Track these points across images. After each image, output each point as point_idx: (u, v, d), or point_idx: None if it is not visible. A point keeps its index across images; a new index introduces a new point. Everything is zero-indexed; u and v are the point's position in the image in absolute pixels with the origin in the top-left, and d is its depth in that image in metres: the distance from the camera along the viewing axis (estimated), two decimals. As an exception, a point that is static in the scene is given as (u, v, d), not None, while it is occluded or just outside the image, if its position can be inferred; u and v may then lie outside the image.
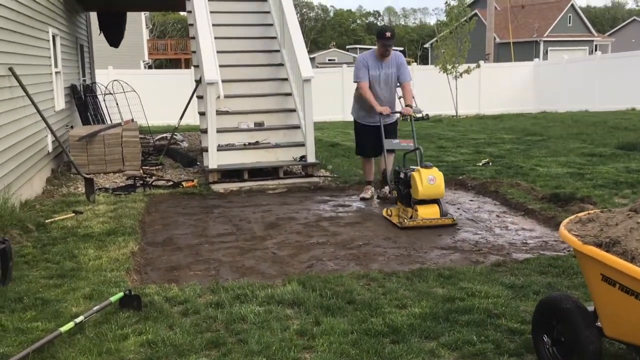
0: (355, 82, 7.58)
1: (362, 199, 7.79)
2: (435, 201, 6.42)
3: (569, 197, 6.85)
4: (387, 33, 7.37)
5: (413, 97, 21.76)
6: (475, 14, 35.23)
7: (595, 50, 39.49)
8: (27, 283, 4.59)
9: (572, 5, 46.00)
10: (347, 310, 4.04)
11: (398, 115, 7.78)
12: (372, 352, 3.41)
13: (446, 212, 6.44)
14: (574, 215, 3.11)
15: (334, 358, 3.36)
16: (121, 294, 4.10)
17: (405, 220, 6.32)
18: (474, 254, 5.38)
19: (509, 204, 7.25)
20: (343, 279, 4.61)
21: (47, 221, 6.35)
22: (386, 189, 7.59)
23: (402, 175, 6.66)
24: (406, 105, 7.44)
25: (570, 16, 45.62)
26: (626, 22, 57.51)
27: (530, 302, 4.04)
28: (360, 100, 7.62)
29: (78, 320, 3.73)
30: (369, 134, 7.65)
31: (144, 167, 9.78)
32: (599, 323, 2.93)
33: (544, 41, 43.50)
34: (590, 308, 3.02)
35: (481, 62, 23.46)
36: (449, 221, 6.34)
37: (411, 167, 6.66)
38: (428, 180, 6.31)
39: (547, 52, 42.72)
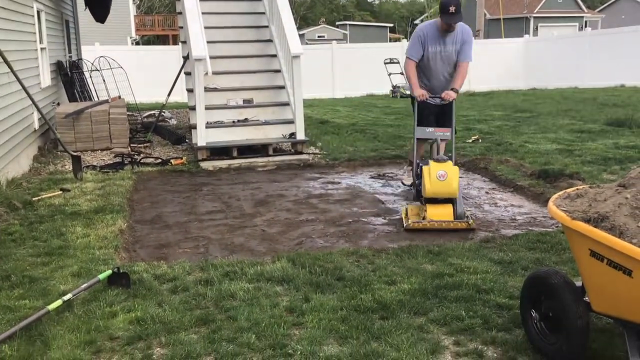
0: (405, 56, 6.52)
1: (404, 184, 7.07)
2: (449, 200, 5.52)
3: (558, 174, 6.87)
4: (450, 7, 6.01)
5: (402, 74, 21.57)
6: (466, -11, 34.99)
7: (585, 26, 39.41)
8: (14, 261, 4.56)
9: (562, -19, 45.79)
10: (336, 286, 4.04)
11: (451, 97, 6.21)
12: (362, 328, 3.42)
13: (462, 214, 5.48)
14: (562, 191, 3.11)
15: (324, 334, 3.37)
16: (109, 272, 4.08)
17: (410, 221, 5.48)
18: (463, 230, 5.39)
19: (498, 181, 7.26)
20: (332, 256, 4.61)
21: (34, 199, 6.30)
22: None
23: (419, 170, 5.93)
24: (451, 88, 6.23)
25: (560, -8, 45.43)
26: (616, -2, 57.31)
27: (519, 278, 4.06)
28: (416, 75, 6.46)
29: (66, 298, 3.71)
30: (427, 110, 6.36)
31: (132, 145, 9.71)
32: (586, 298, 2.94)
33: (534, 17, 43.36)
34: (578, 283, 3.03)
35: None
36: (462, 225, 5.38)
37: (429, 159, 5.84)
38: (438, 176, 5.44)
39: (537, 28, 42.60)
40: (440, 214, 5.47)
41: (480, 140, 9.59)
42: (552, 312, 3.02)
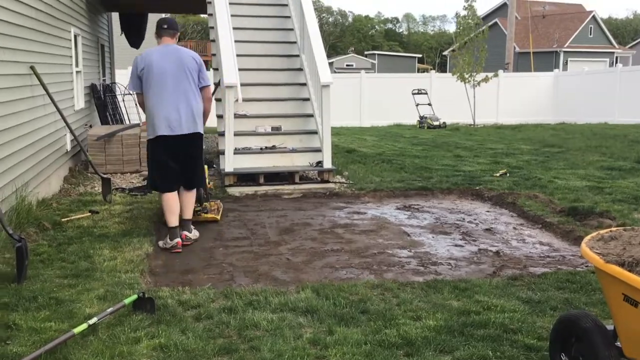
0: None
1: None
2: None
3: (588, 211, 6.77)
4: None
5: (430, 105, 21.68)
6: (495, 23, 35.11)
7: (616, 62, 39.21)
8: (41, 282, 4.61)
9: (593, 16, 45.68)
10: (360, 320, 4.00)
11: None
12: (386, 364, 3.37)
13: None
14: (595, 232, 3.06)
15: (347, 369, 3.33)
16: (135, 296, 4.09)
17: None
18: (490, 267, 5.32)
19: (526, 216, 7.18)
20: (357, 288, 4.58)
21: (63, 220, 6.38)
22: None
23: None
24: None
25: (591, 27, 45.29)
26: (648, 34, 56.95)
27: (547, 318, 3.98)
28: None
29: (91, 321, 3.73)
30: None
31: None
32: (618, 343, 2.87)
33: (564, 52, 43.21)
34: (610, 327, 2.96)
35: (500, 72, 23.33)
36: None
37: None
38: None
39: (567, 62, 42.42)
40: None
41: (508, 175, 9.51)
42: (583, 356, 2.94)
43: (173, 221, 5.87)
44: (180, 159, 5.90)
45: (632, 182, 8.59)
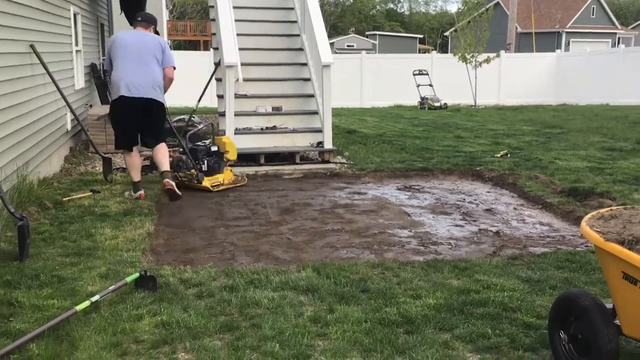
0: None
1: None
2: None
3: (588, 192, 6.78)
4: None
5: (431, 85, 21.67)
6: (498, 3, 34.86)
7: (618, 43, 38.92)
8: (43, 260, 4.63)
9: (596, -4, 45.33)
10: (361, 298, 4.03)
11: None
12: (386, 341, 3.40)
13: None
14: (595, 211, 3.07)
15: (347, 346, 3.36)
16: (137, 275, 4.11)
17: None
18: (490, 246, 5.35)
19: (526, 197, 7.19)
20: (358, 267, 4.60)
21: (64, 199, 6.39)
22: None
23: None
24: None
25: (593, 7, 44.96)
26: (651, 15, 56.54)
27: (547, 297, 4.01)
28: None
29: (94, 299, 3.75)
30: None
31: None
32: (617, 321, 2.89)
33: (566, 32, 42.93)
34: (609, 305, 2.98)
35: (502, 52, 23.22)
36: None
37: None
38: None
39: (569, 43, 42.16)
40: None
41: (509, 155, 9.50)
42: (581, 334, 2.97)
43: (135, 176, 6.72)
44: (139, 119, 6.69)
45: (633, 163, 8.59)
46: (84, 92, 10.66)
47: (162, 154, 6.77)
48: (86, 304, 3.69)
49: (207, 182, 7.52)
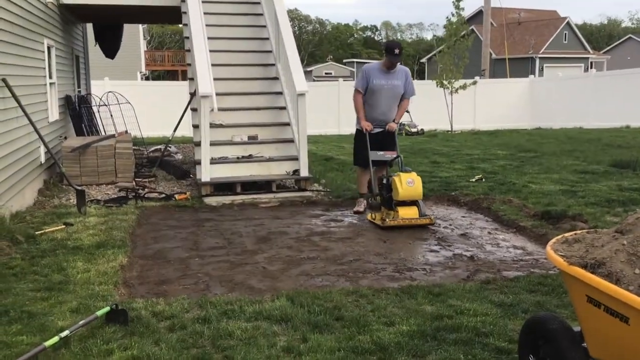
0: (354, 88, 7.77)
1: (355, 212, 7.86)
2: (414, 203, 6.97)
3: (561, 215, 6.86)
4: (395, 50, 7.45)
5: (408, 112, 21.70)
6: (472, 30, 35.40)
7: (591, 67, 39.74)
8: (14, 296, 4.56)
9: (567, 22, 46.33)
10: (334, 327, 4.02)
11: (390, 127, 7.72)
12: (359, 370, 3.39)
13: (424, 213, 6.98)
14: (560, 236, 3.11)
15: (320, 376, 3.34)
16: (108, 308, 4.07)
17: (387, 220, 6.90)
18: (464, 271, 5.37)
19: (500, 221, 7.25)
20: (332, 295, 4.60)
21: (37, 233, 6.33)
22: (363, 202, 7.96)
23: (384, 181, 7.17)
24: (392, 120, 7.67)
25: (566, 33, 45.92)
26: (622, 39, 57.87)
27: (519, 321, 4.03)
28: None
29: (63, 334, 3.70)
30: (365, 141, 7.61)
31: (136, 179, 9.76)
32: (584, 344, 2.91)
33: (540, 58, 43.75)
34: (577, 328, 3.00)
35: (477, 78, 23.56)
36: (426, 221, 6.92)
37: (393, 174, 7.18)
38: (407, 182, 6.86)
39: (542, 68, 42.96)
40: (409, 213, 6.95)
41: (483, 180, 9.59)
42: (550, 358, 2.98)
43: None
44: None
45: (605, 186, 8.71)
46: (58, 124, 10.62)
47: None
48: (55, 339, 3.63)
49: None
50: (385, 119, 7.66)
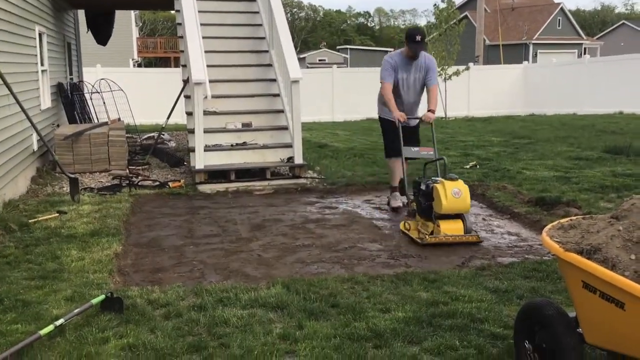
0: (380, 82, 7.11)
1: (393, 209, 7.26)
2: (459, 216, 5.85)
3: (555, 201, 6.87)
4: (417, 36, 6.86)
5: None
6: (466, 16, 35.37)
7: (584, 53, 39.78)
8: (8, 284, 4.55)
9: (561, 8, 46.26)
10: (330, 314, 4.02)
11: (418, 120, 7.25)
12: (355, 356, 3.40)
13: (470, 229, 5.85)
14: (556, 222, 3.11)
15: (316, 363, 3.34)
16: (103, 297, 4.07)
17: (427, 237, 5.79)
18: (459, 258, 5.38)
19: (495, 207, 7.27)
20: (327, 282, 4.60)
21: (30, 221, 6.30)
22: (403, 198, 7.13)
23: (423, 187, 6.03)
24: (428, 110, 6.92)
25: (559, 19, 45.88)
26: (615, 25, 57.89)
27: (514, 307, 4.04)
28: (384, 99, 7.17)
29: (58, 322, 3.69)
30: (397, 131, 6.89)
31: (130, 167, 9.72)
32: (580, 329, 2.92)
33: (534, 44, 43.71)
34: (572, 314, 3.01)
35: (470, 64, 23.51)
36: (473, 239, 5.79)
37: (433, 178, 6.07)
38: (453, 193, 5.73)
39: (536, 54, 42.92)
40: (453, 229, 5.80)
41: (477, 167, 9.60)
42: (546, 344, 2.99)
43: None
44: None
45: (599, 172, 8.73)
46: (50, 111, 10.54)
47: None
48: (50, 328, 3.63)
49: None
50: (411, 111, 7.18)
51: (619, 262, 2.58)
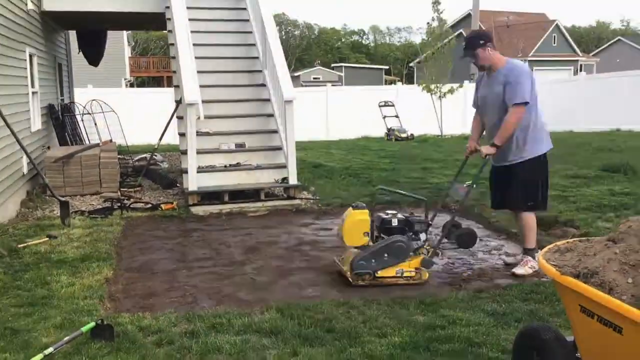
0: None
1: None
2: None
3: (552, 221, 6.82)
4: (463, 43, 5.77)
5: (397, 117, 21.39)
6: (460, 34, 35.56)
7: (580, 70, 39.98)
8: (-4, 312, 4.45)
9: (556, 25, 46.58)
10: (325, 339, 3.94)
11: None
12: (349, 384, 3.31)
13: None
14: (552, 245, 3.06)
15: (310, 392, 3.26)
16: (93, 324, 3.98)
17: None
18: (456, 280, 5.30)
19: (492, 227, 7.21)
20: (323, 306, 4.52)
21: (19, 246, 6.20)
22: None
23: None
24: (490, 143, 5.68)
25: (554, 36, 46.17)
26: (611, 42, 58.20)
27: (512, 330, 3.96)
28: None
29: (47, 351, 3.61)
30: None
31: (122, 189, 9.64)
32: (578, 354, 2.86)
33: (529, 61, 43.82)
34: (570, 338, 2.95)
35: (465, 82, 23.57)
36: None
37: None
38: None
39: (532, 71, 43.09)
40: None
41: (474, 186, 9.52)
42: (545, 369, 2.92)
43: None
44: None
45: (596, 190, 8.68)
46: (41, 133, 10.48)
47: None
48: (39, 357, 3.55)
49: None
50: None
51: (616, 285, 2.52)
